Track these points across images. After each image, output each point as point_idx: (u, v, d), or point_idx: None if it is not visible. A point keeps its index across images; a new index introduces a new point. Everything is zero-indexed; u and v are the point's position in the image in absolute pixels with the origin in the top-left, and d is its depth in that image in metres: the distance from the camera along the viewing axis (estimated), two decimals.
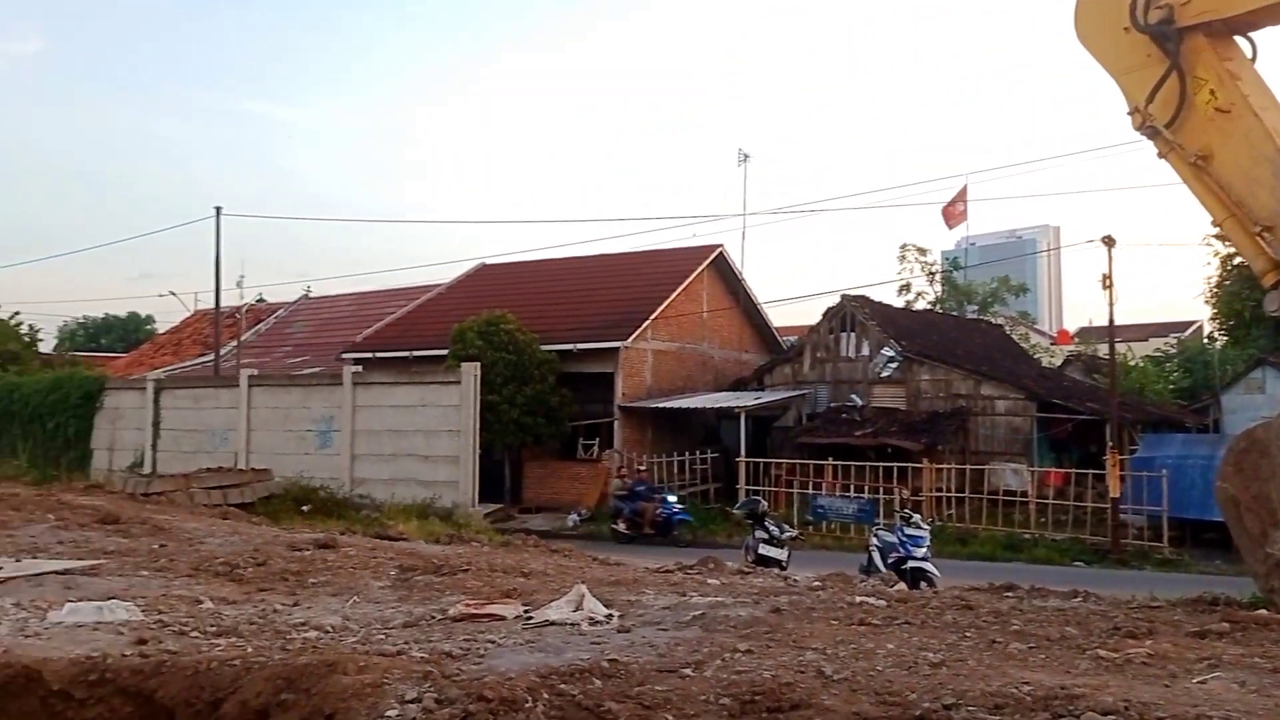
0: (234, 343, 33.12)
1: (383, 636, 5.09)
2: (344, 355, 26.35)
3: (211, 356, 32.70)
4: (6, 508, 10.76)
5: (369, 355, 25.74)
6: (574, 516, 21.24)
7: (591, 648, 4.68)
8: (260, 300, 39.13)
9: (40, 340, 36.95)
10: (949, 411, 23.79)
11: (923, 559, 11.94)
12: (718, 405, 24.10)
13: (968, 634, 5.19)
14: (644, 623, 5.39)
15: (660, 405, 23.91)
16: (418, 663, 4.32)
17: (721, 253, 27.83)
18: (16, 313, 35.35)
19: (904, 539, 12.16)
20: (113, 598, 5.90)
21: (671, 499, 18.52)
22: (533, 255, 31.11)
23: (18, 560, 7.32)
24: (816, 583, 7.18)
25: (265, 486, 17.31)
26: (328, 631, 5.21)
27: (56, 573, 6.83)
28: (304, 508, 16.60)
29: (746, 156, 32.53)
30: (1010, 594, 6.91)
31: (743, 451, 21.93)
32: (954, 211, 34.37)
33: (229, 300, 32.30)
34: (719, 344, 28.14)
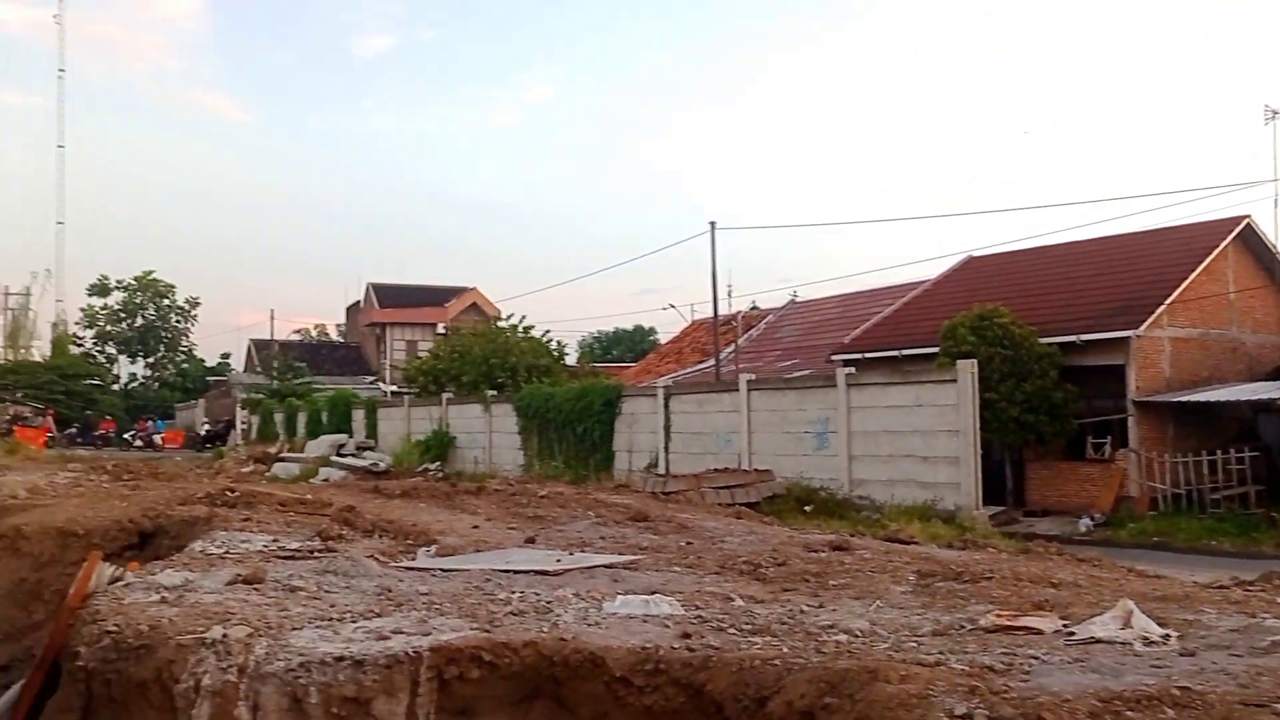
0: (730, 349, 34.93)
1: (914, 644, 4.98)
2: (833, 357, 26.73)
3: (709, 363, 34.80)
4: (554, 505, 12.10)
5: (858, 356, 25.88)
6: (1086, 521, 19.76)
7: (1153, 671, 4.22)
8: (754, 308, 41.01)
9: (566, 354, 41.50)
10: None
11: None
12: (1254, 397, 21.23)
13: None
14: (1209, 646, 4.78)
15: (1182, 399, 21.55)
16: (960, 675, 4.15)
17: (1249, 224, 24.54)
18: (548, 330, 39.98)
19: None
20: (655, 592, 6.34)
21: None
22: (1023, 244, 29.43)
23: (571, 554, 8.16)
24: None
25: (769, 487, 17.96)
26: (857, 635, 5.20)
27: (603, 566, 7.51)
28: (806, 508, 17.01)
29: (1276, 113, 28.34)
30: None
31: None
32: None
33: (721, 309, 34.16)
34: (1251, 328, 24.82)
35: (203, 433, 53.74)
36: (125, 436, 52.76)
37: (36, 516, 10.74)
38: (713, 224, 32.35)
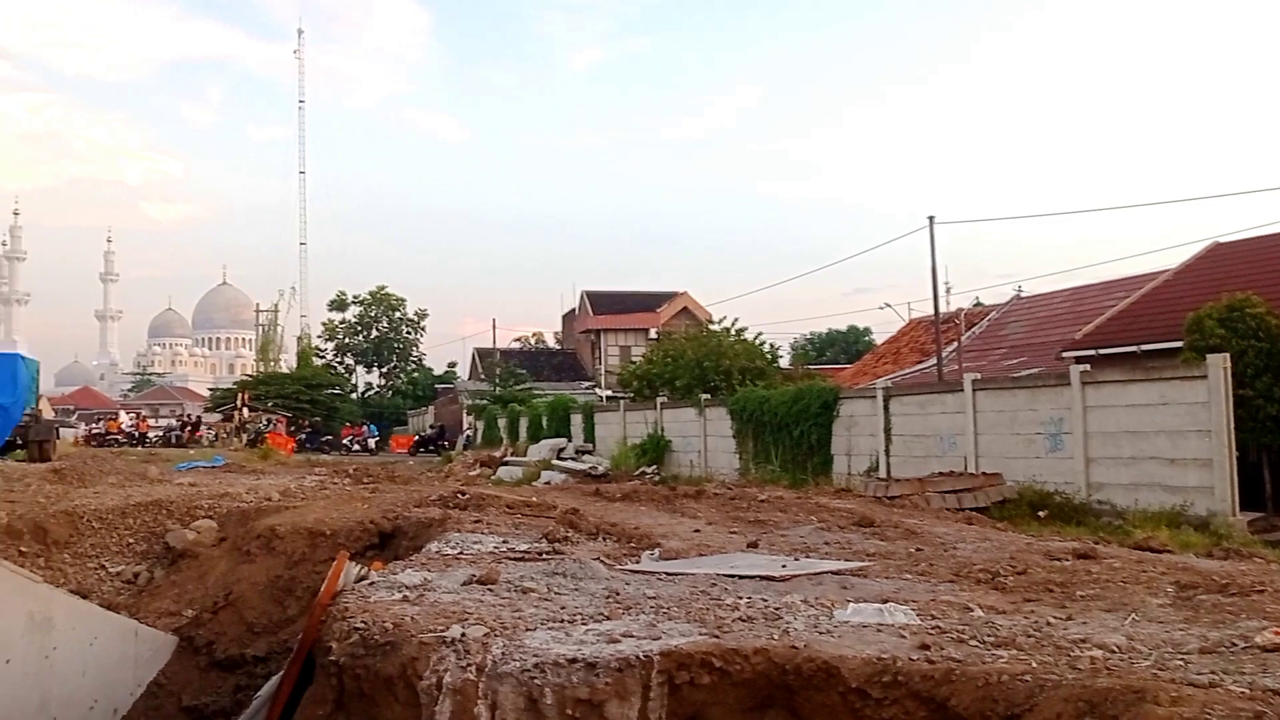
0: (952, 347, 33.73)
1: (1180, 663, 4.57)
2: (1063, 354, 25.37)
3: (930, 363, 33.72)
4: (775, 509, 11.94)
5: (1091, 352, 24.41)
6: None
7: None
8: (978, 304, 39.55)
9: (779, 357, 41.16)
10: None
11: None
12: None
13: None
14: None
15: None
16: (1240, 699, 3.77)
17: None
18: (760, 333, 39.78)
19: None
20: (887, 600, 6.11)
21: None
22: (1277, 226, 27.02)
23: (796, 559, 8.00)
24: None
25: (998, 491, 17.12)
26: (1114, 651, 4.81)
27: (831, 572, 7.31)
28: (1039, 513, 16.10)
29: None
30: None
31: None
32: None
33: (940, 307, 33.06)
34: None
35: (415, 438, 56.69)
36: (344, 441, 56.33)
37: (288, 518, 11.49)
38: (931, 218, 31.43)
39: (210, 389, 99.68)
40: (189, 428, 56.11)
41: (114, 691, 8.80)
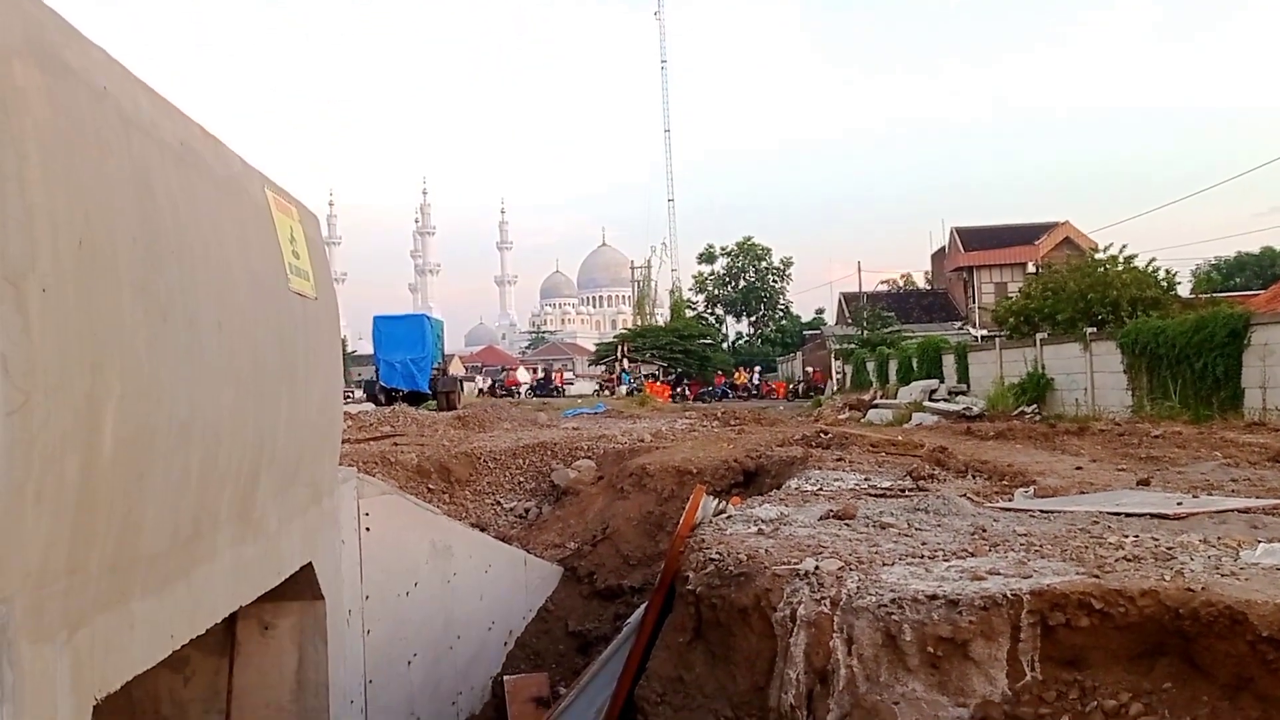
0: None
1: None
2: None
3: None
4: (1171, 445, 10.81)
5: None
6: None
7: None
8: None
9: (1177, 284, 37.11)
10: None
11: None
12: None
13: None
14: None
15: None
16: None
17: None
18: (1153, 259, 36.07)
19: None
20: None
21: None
22: None
23: (1194, 496, 7.15)
24: None
25: None
26: None
27: (1237, 510, 6.46)
28: None
29: None
30: None
31: None
32: None
33: None
34: None
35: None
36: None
37: (658, 457, 11.92)
38: None
39: (595, 344, 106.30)
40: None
41: (508, 615, 9.56)
